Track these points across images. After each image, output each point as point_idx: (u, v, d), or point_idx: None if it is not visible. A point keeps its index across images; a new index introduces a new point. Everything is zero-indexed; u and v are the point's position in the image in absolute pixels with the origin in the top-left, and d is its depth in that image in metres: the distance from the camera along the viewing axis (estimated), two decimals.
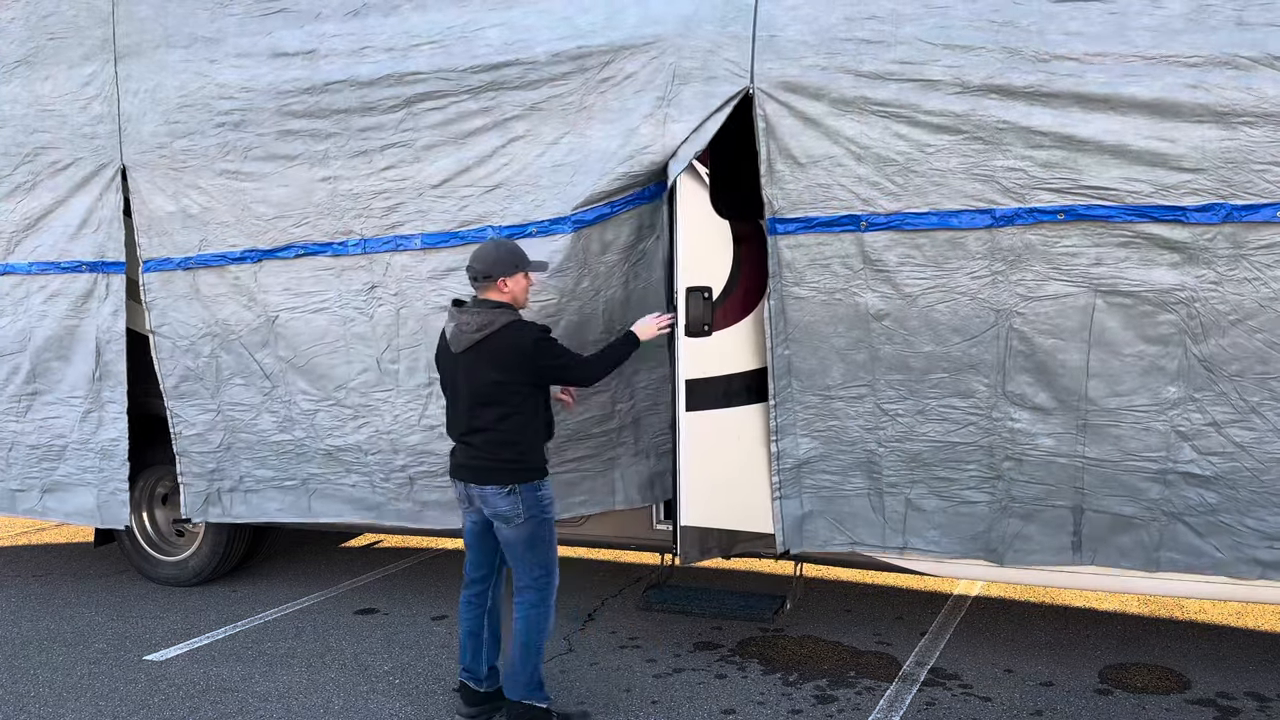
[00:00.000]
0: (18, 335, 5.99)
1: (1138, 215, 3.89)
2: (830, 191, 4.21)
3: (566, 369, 4.06)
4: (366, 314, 5.13)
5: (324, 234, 5.17)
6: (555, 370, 4.04)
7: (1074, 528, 4.24)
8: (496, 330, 3.95)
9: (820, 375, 4.41)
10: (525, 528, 4.01)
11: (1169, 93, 3.81)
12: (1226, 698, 4.36)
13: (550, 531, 4.10)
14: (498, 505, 4.01)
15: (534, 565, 4.06)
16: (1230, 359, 3.90)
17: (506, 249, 4.05)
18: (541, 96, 4.64)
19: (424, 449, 5.11)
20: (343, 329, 5.19)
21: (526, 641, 4.08)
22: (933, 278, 4.17)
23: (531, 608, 4.07)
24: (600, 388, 4.84)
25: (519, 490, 3.99)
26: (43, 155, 5.82)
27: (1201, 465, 4.03)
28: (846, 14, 4.15)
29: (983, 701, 4.37)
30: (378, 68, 4.93)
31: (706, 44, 4.33)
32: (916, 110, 4.07)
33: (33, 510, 6.15)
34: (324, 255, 5.19)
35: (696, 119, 4.35)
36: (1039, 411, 4.16)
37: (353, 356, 5.20)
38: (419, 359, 5.04)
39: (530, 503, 4.01)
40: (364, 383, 5.20)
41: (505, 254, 4.03)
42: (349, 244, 5.11)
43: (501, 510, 4.01)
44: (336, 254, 5.15)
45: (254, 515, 5.72)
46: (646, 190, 4.55)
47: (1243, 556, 4.07)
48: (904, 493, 4.42)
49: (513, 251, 4.05)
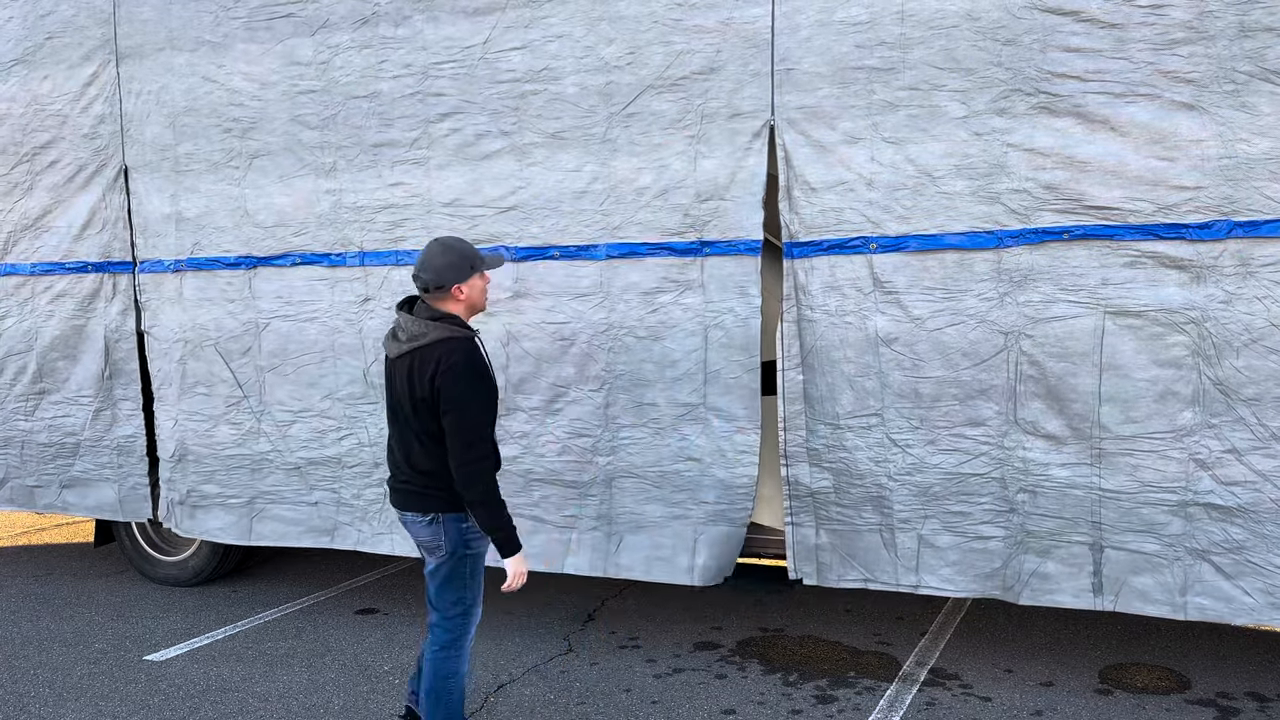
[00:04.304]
0: (24, 335, 6.04)
1: (1142, 234, 3.90)
2: (842, 215, 4.30)
3: (456, 427, 3.44)
4: (356, 326, 5.17)
5: (323, 244, 5.21)
6: (446, 412, 3.45)
7: (1094, 567, 4.14)
8: (427, 344, 3.48)
9: (830, 402, 4.41)
10: (447, 562, 3.61)
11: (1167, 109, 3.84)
12: (1226, 698, 4.36)
13: (474, 568, 3.65)
14: (419, 534, 3.63)
15: (449, 602, 3.64)
16: (1246, 382, 3.86)
17: (456, 251, 3.52)
18: (564, 125, 4.69)
19: None
20: (330, 339, 5.23)
21: (433, 689, 3.65)
22: (941, 300, 4.20)
23: (440, 649, 3.65)
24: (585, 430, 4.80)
25: (441, 520, 3.58)
26: (41, 155, 5.84)
27: (1223, 496, 3.94)
28: (857, 41, 4.21)
29: (983, 701, 4.37)
30: (398, 85, 4.95)
31: (730, 84, 4.42)
32: (925, 135, 4.14)
33: (52, 505, 6.19)
34: (320, 265, 5.22)
35: (724, 154, 4.44)
36: (1052, 440, 4.13)
37: (340, 368, 5.24)
38: None
39: (454, 535, 3.58)
40: (350, 394, 5.24)
41: (456, 257, 3.51)
42: (347, 256, 5.15)
43: (423, 539, 3.63)
44: (333, 265, 5.18)
45: (198, 531, 5.77)
46: (677, 244, 4.57)
47: (1276, 601, 3.92)
48: (916, 529, 4.37)
49: (463, 252, 3.53)
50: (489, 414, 3.49)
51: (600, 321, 4.72)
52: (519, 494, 4.94)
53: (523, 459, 4.91)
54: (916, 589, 4.40)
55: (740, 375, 4.52)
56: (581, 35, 4.64)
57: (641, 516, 4.74)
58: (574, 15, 4.64)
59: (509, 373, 4.89)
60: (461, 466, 3.44)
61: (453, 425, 3.44)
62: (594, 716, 4.32)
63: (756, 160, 4.41)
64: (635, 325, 4.67)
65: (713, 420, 4.59)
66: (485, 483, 3.45)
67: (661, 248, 4.59)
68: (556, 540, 4.91)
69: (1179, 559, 4.03)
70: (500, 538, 3.49)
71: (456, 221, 4.92)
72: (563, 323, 4.78)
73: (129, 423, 5.87)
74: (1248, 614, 3.97)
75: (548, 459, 4.87)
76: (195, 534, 5.77)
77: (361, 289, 5.14)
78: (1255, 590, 3.95)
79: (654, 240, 4.59)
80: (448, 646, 3.66)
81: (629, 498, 4.76)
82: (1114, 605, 4.14)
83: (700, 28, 4.45)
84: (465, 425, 3.44)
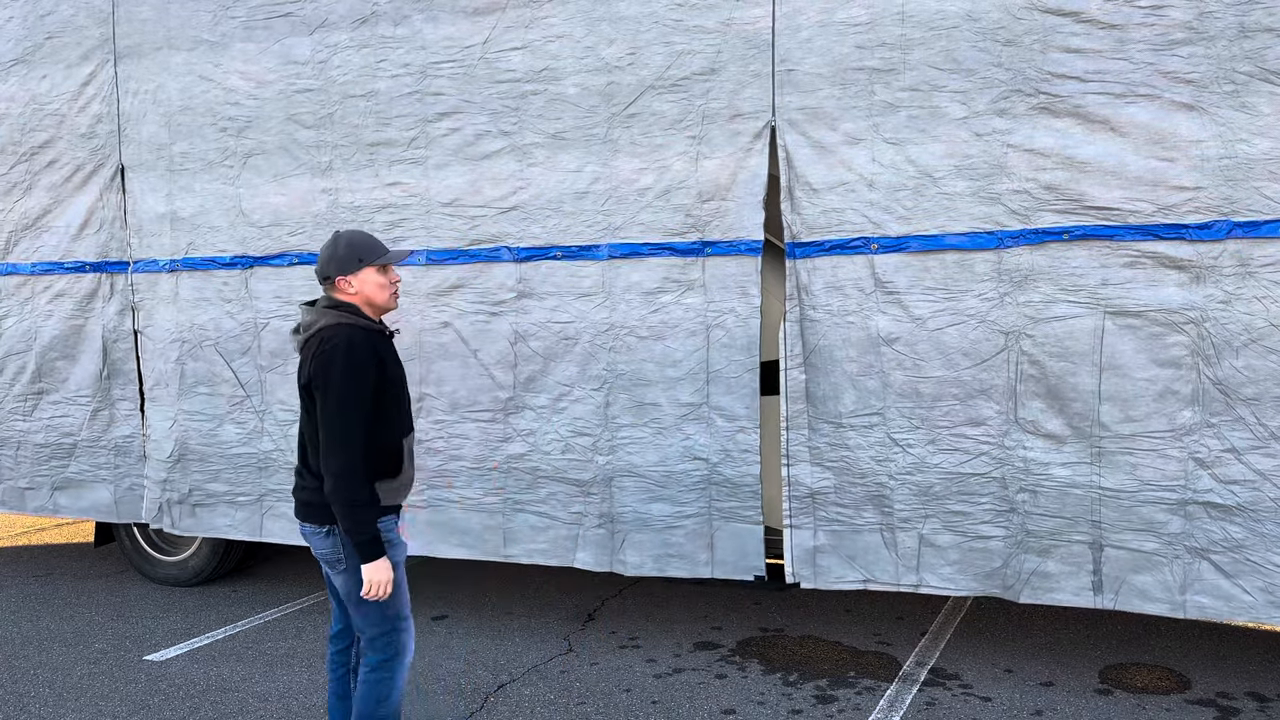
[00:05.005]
0: (23, 335, 6.03)
1: (1142, 234, 3.91)
2: (844, 216, 4.31)
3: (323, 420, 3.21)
4: None
5: (319, 244, 5.22)
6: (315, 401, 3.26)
7: (1094, 565, 4.15)
8: (314, 331, 3.32)
9: (833, 401, 4.42)
10: (352, 575, 3.31)
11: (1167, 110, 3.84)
12: (1226, 698, 4.36)
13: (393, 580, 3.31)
14: (319, 546, 3.34)
15: (370, 622, 3.34)
16: (1245, 381, 3.87)
17: (346, 242, 3.36)
18: (565, 125, 4.69)
19: None
20: None
21: (362, 712, 3.36)
22: (941, 300, 4.21)
23: (370, 672, 3.37)
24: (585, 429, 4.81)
25: (338, 531, 3.28)
26: (40, 154, 5.84)
27: (1222, 494, 3.95)
28: (858, 42, 4.21)
29: (983, 701, 4.38)
30: (396, 84, 4.95)
31: (731, 84, 4.43)
32: (925, 136, 4.15)
33: (43, 508, 6.17)
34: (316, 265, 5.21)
35: (726, 155, 4.44)
36: (1052, 439, 4.14)
37: None
38: (411, 373, 5.08)
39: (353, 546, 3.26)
40: None
41: (344, 249, 3.35)
42: None
43: (323, 552, 3.34)
44: None
45: (201, 530, 5.75)
46: (679, 244, 4.58)
47: (1275, 600, 3.94)
48: (916, 528, 4.38)
49: (354, 244, 3.36)
50: (361, 410, 3.20)
51: (602, 321, 4.72)
52: (527, 490, 4.95)
53: (530, 456, 4.93)
54: (917, 588, 4.41)
55: (741, 375, 4.53)
56: (582, 35, 4.63)
57: (647, 515, 4.75)
58: (574, 15, 4.64)
59: (517, 371, 4.90)
60: (326, 470, 3.19)
61: (321, 418, 3.21)
62: (594, 716, 4.32)
63: (758, 161, 4.41)
64: (637, 325, 4.67)
65: (716, 420, 4.59)
66: (348, 491, 3.17)
67: (663, 248, 4.59)
68: (565, 536, 4.93)
69: (1178, 557, 4.04)
70: (359, 540, 3.20)
71: (456, 221, 4.92)
72: (566, 322, 4.78)
73: (127, 423, 5.86)
74: (1246, 612, 3.99)
75: (553, 456, 4.88)
76: (197, 533, 5.76)
77: None
78: (1254, 588, 3.96)
79: (656, 240, 4.59)
80: (376, 669, 3.37)
81: (630, 496, 4.77)
82: (1114, 604, 4.14)
83: (701, 28, 4.45)
84: (331, 418, 3.18)
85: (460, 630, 5.39)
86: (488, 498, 5.01)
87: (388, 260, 3.38)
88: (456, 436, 5.04)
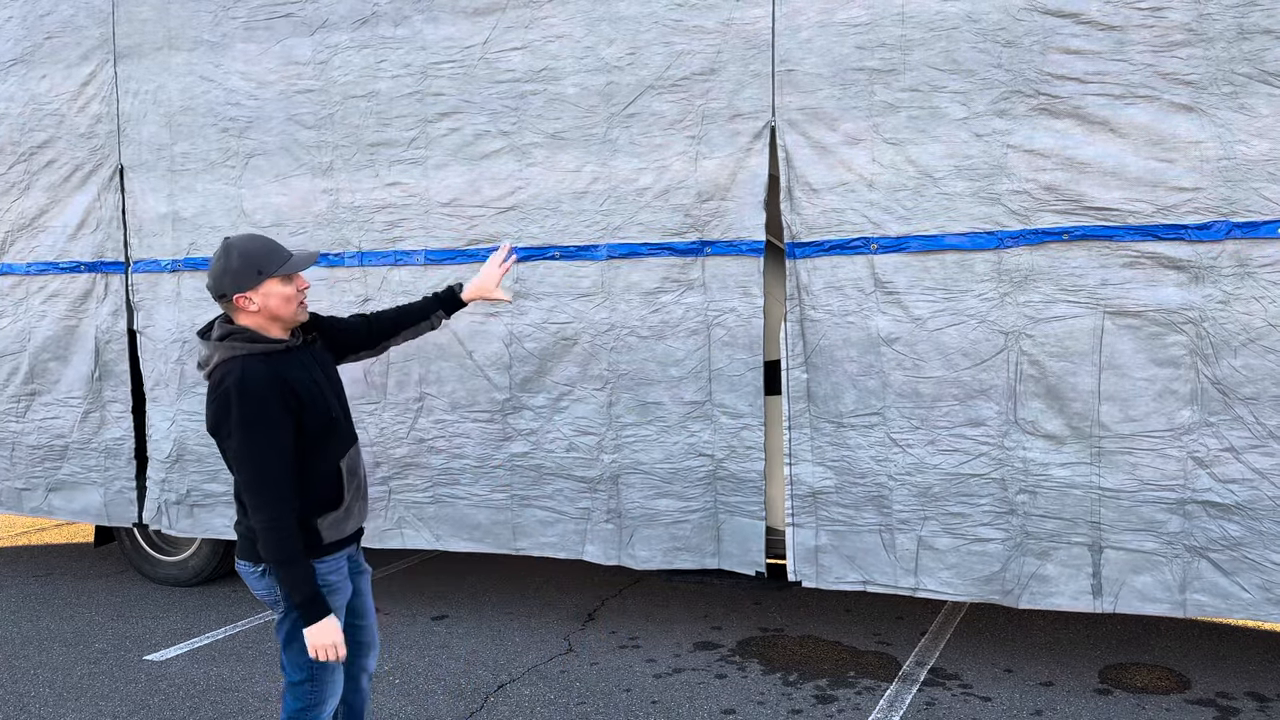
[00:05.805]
0: (17, 335, 6.01)
1: (1141, 234, 3.91)
2: (844, 216, 4.31)
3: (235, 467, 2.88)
4: None
5: (320, 244, 5.21)
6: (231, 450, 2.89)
7: (1093, 568, 4.15)
8: (211, 370, 2.94)
9: (834, 401, 4.42)
10: (286, 620, 3.02)
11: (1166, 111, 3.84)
12: (1226, 698, 4.37)
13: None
14: (254, 586, 3.03)
15: (295, 667, 3.03)
16: (1244, 381, 3.88)
17: (239, 252, 2.91)
18: (564, 125, 4.69)
19: (409, 461, 5.15)
20: None
21: None
22: (941, 300, 4.21)
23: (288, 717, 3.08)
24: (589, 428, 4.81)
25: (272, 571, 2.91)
26: (39, 154, 5.83)
27: (1221, 494, 3.96)
28: (858, 42, 4.22)
29: (983, 701, 4.38)
30: (396, 84, 4.95)
31: (731, 84, 4.43)
32: (925, 137, 4.15)
33: (39, 509, 6.17)
34: (318, 265, 5.21)
35: (725, 155, 4.45)
36: (1052, 439, 4.14)
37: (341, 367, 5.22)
38: (410, 374, 5.08)
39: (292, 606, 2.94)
40: (350, 394, 5.24)
41: (238, 261, 2.91)
42: (345, 256, 5.14)
43: (260, 594, 3.04)
44: (332, 265, 5.18)
45: (199, 530, 5.73)
46: (678, 244, 4.58)
47: (1273, 597, 3.94)
48: (915, 530, 4.38)
49: (249, 254, 2.92)
50: (275, 449, 2.84)
51: (602, 321, 4.73)
52: (533, 487, 4.96)
53: (533, 454, 4.94)
54: (915, 591, 4.41)
55: (744, 374, 4.53)
56: (582, 35, 4.64)
57: (654, 511, 4.77)
58: (574, 15, 4.64)
59: (513, 372, 4.90)
60: (253, 521, 2.86)
61: (235, 466, 2.87)
62: (594, 716, 4.32)
63: (758, 161, 4.42)
64: (638, 325, 4.68)
65: (720, 417, 4.60)
66: (278, 551, 2.83)
67: (662, 248, 4.59)
68: (573, 530, 4.95)
69: (1178, 556, 4.05)
70: (296, 599, 2.85)
71: (455, 221, 4.93)
72: (565, 323, 4.78)
73: (117, 425, 5.84)
74: (1245, 609, 4.00)
75: (557, 454, 4.89)
76: (196, 533, 5.76)
77: (360, 289, 5.14)
78: (1252, 586, 3.98)
79: (655, 240, 4.60)
80: (294, 715, 3.06)
81: (637, 493, 4.79)
82: (1114, 606, 4.15)
83: (701, 28, 4.45)
84: (243, 466, 2.84)
85: (460, 630, 5.40)
86: (495, 494, 5.03)
87: (292, 269, 2.95)
88: (458, 436, 5.05)
